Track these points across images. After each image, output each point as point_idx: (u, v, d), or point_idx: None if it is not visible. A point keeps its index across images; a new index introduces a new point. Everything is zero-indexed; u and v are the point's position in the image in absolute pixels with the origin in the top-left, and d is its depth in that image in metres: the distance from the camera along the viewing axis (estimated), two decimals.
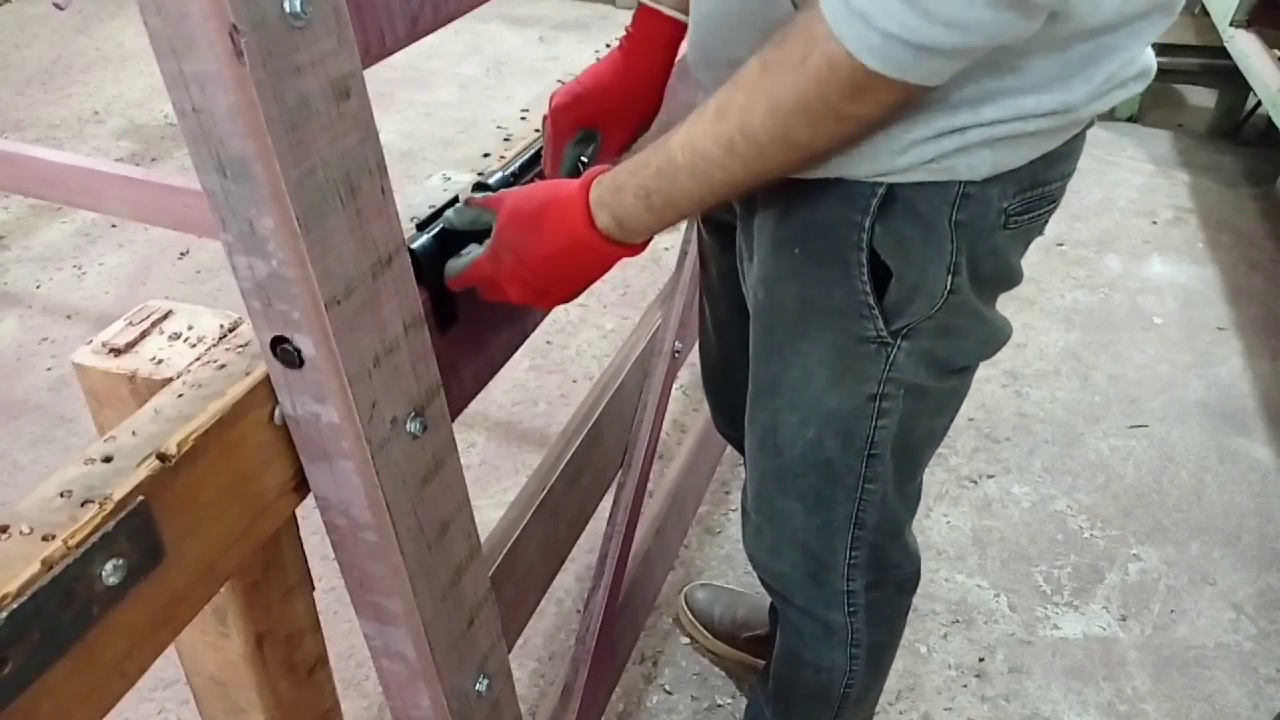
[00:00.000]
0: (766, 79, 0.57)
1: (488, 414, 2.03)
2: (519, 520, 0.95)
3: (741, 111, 0.59)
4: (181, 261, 2.55)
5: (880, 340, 0.75)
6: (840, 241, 0.71)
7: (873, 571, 0.95)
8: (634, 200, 0.64)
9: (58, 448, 1.95)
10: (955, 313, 0.74)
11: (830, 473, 0.85)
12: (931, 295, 0.72)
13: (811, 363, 0.79)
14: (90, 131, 3.25)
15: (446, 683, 0.72)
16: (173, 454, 0.50)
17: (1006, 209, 0.70)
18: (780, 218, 0.75)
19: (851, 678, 1.03)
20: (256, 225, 0.48)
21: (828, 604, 0.97)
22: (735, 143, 0.59)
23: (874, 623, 1.00)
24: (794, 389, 0.82)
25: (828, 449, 0.83)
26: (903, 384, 0.78)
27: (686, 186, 0.63)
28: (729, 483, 1.87)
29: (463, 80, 3.53)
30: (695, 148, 0.61)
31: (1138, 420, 2.03)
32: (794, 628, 1.03)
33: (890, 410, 0.80)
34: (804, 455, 0.85)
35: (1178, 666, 1.54)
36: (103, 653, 0.47)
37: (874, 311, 0.73)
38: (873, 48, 0.52)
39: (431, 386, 0.63)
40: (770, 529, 0.94)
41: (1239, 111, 3.16)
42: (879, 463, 0.84)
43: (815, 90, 0.55)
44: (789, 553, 0.94)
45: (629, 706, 1.47)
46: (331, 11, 0.47)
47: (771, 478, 0.90)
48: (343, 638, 1.46)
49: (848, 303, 0.74)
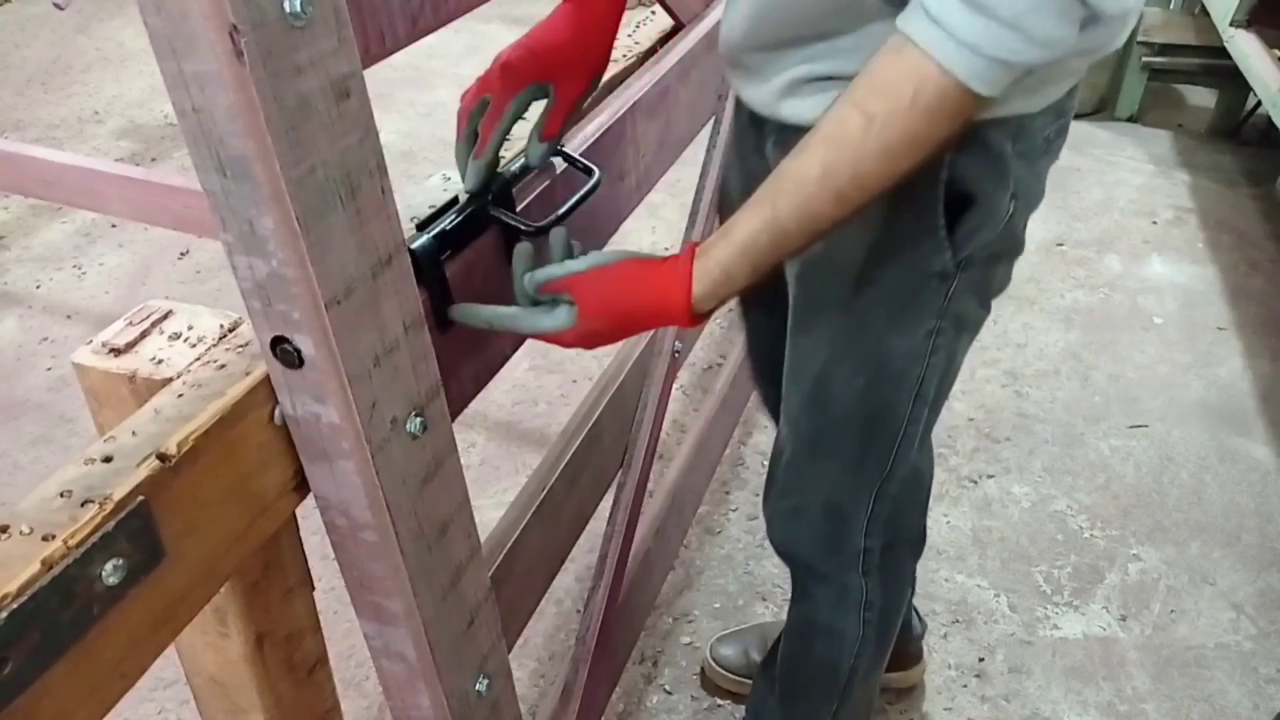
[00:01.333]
0: (875, 127, 0.61)
1: (488, 414, 2.03)
2: (519, 520, 0.95)
3: (852, 163, 0.62)
4: (181, 261, 2.55)
5: (944, 273, 0.81)
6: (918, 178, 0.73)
7: (889, 531, 1.00)
8: (746, 279, 0.69)
9: (58, 448, 1.95)
10: (1006, 237, 0.82)
11: (874, 422, 0.90)
12: (996, 221, 0.79)
13: (871, 305, 0.84)
14: (90, 131, 3.25)
15: (446, 683, 0.72)
16: (173, 454, 0.50)
17: (1048, 136, 0.79)
18: None
19: (862, 646, 1.07)
20: (256, 225, 0.48)
21: (843, 565, 1.01)
22: (844, 193, 0.64)
23: (885, 586, 1.05)
24: (848, 337, 0.86)
25: (878, 395, 0.88)
26: (954, 316, 0.84)
27: (791, 247, 0.68)
28: (729, 483, 1.87)
29: (463, 80, 3.50)
30: (807, 212, 0.65)
31: (1138, 420, 2.03)
32: (808, 594, 1.07)
33: (941, 346, 0.86)
34: (852, 406, 0.89)
35: (1178, 666, 1.54)
36: (103, 653, 0.47)
37: (945, 243, 0.79)
38: (980, 73, 0.58)
39: (431, 386, 0.63)
40: (798, 489, 0.99)
41: (1239, 111, 3.15)
42: (922, 404, 0.90)
43: (926, 124, 0.60)
44: (811, 514, 0.99)
45: (629, 706, 1.47)
46: (331, 11, 0.47)
47: (810, 437, 0.94)
48: (343, 638, 1.46)
49: (919, 238, 0.79)
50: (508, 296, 0.81)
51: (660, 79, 1.09)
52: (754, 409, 2.05)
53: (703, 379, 2.15)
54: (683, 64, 1.16)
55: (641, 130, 1.06)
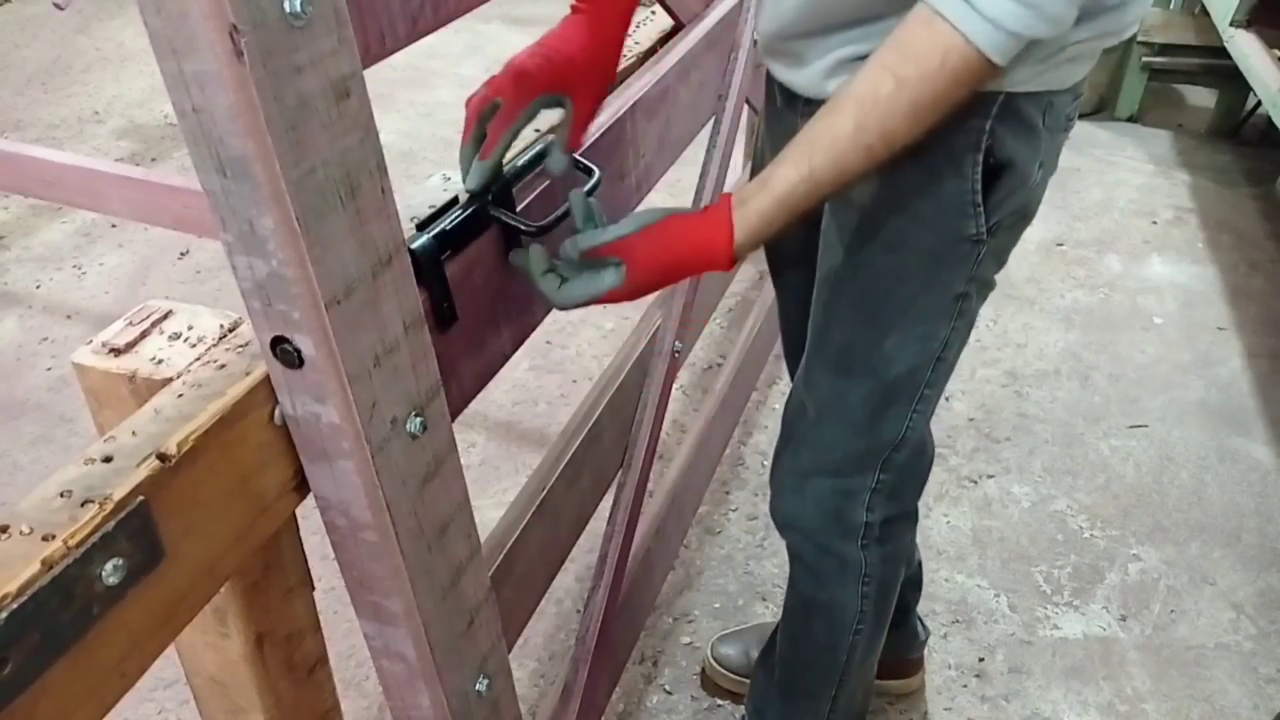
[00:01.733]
0: (906, 90, 0.69)
1: (488, 414, 2.03)
2: (519, 520, 0.95)
3: (882, 121, 0.70)
4: (181, 261, 2.55)
5: (975, 238, 0.86)
6: (959, 146, 0.82)
7: (889, 504, 1.04)
8: (782, 225, 0.77)
9: (58, 448, 1.95)
10: (1029, 204, 0.89)
11: (895, 385, 0.94)
12: (1026, 189, 0.86)
13: (905, 270, 0.89)
14: (90, 131, 3.25)
15: (446, 683, 0.72)
16: (173, 454, 0.50)
17: (1068, 114, 0.86)
18: None
19: (861, 620, 1.10)
20: (256, 225, 0.48)
21: (845, 536, 1.05)
22: (874, 148, 0.72)
23: (885, 560, 1.08)
24: (879, 301, 0.91)
25: (903, 357, 0.93)
26: (978, 280, 0.90)
27: (823, 194, 0.75)
28: (729, 483, 1.87)
29: (463, 80, 3.53)
30: (839, 165, 0.73)
31: (1138, 420, 2.03)
32: (808, 568, 1.10)
33: (965, 311, 0.92)
34: (876, 368, 0.94)
35: (1178, 666, 1.54)
36: (103, 653, 0.47)
37: (979, 209, 0.84)
38: (999, 45, 0.67)
39: (431, 386, 0.63)
40: (808, 455, 1.03)
41: (1239, 111, 3.15)
42: (942, 368, 0.95)
43: (949, 87, 0.69)
44: (816, 485, 1.03)
45: (629, 706, 1.47)
46: (331, 11, 0.47)
47: (829, 400, 0.98)
48: (343, 638, 1.46)
49: (955, 204, 0.84)
50: (508, 295, 0.81)
51: (660, 79, 1.09)
52: (754, 409, 2.05)
53: (703, 379, 2.15)
54: (683, 64, 1.16)
55: (641, 130, 1.06)
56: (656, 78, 1.08)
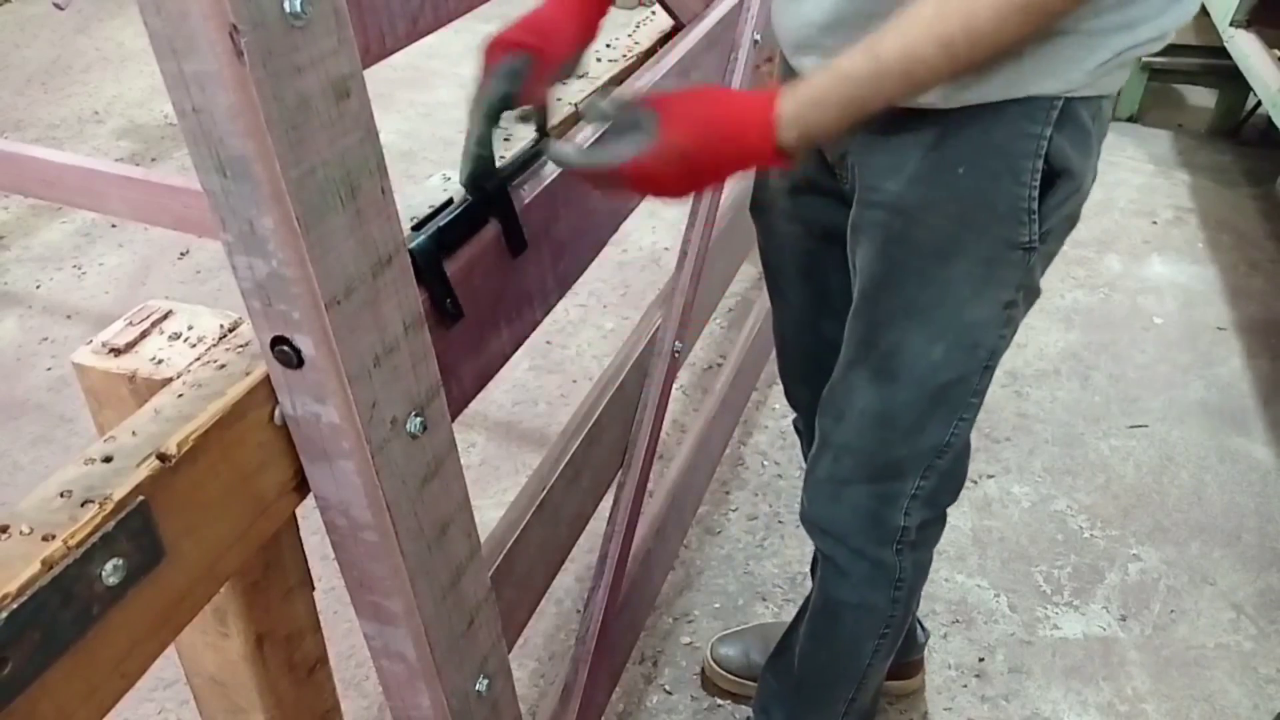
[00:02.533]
0: None
1: (488, 414, 2.03)
2: (519, 520, 0.95)
3: (966, 11, 0.65)
4: (181, 261, 2.55)
5: (1028, 245, 0.84)
6: (1016, 153, 0.79)
7: (928, 508, 1.03)
8: (837, 114, 0.71)
9: (58, 448, 1.95)
10: (1078, 210, 0.87)
11: (943, 394, 0.93)
12: (1079, 193, 0.84)
13: (956, 278, 0.86)
14: (90, 131, 3.25)
15: (446, 683, 0.72)
16: (173, 454, 0.50)
17: (1108, 119, 0.84)
18: (935, 147, 0.82)
19: (889, 624, 1.09)
20: (256, 225, 0.48)
21: (881, 541, 1.03)
22: (955, 42, 0.66)
23: (916, 564, 1.07)
24: (929, 309, 0.88)
25: (952, 366, 0.91)
26: (1026, 287, 0.88)
27: (888, 91, 0.69)
28: (729, 483, 1.87)
29: (463, 80, 3.53)
30: (911, 52, 0.67)
31: (1138, 420, 2.03)
32: (840, 572, 1.08)
33: (1013, 318, 0.90)
34: (924, 377, 0.91)
35: (1178, 666, 1.54)
36: (103, 653, 0.47)
37: (1033, 217, 0.82)
38: None
39: (431, 386, 0.63)
40: (849, 461, 1.00)
41: (1239, 111, 3.15)
42: (988, 376, 0.93)
43: None
44: (854, 491, 1.01)
45: (629, 706, 1.47)
46: (331, 11, 0.47)
47: (874, 411, 0.95)
48: (343, 638, 1.46)
49: (1010, 211, 0.82)
50: (508, 295, 0.81)
51: (660, 79, 1.09)
52: (754, 409, 2.05)
53: (703, 379, 2.15)
54: (683, 64, 1.16)
55: None
56: (656, 78, 1.08)
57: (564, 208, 0.89)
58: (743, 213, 1.62)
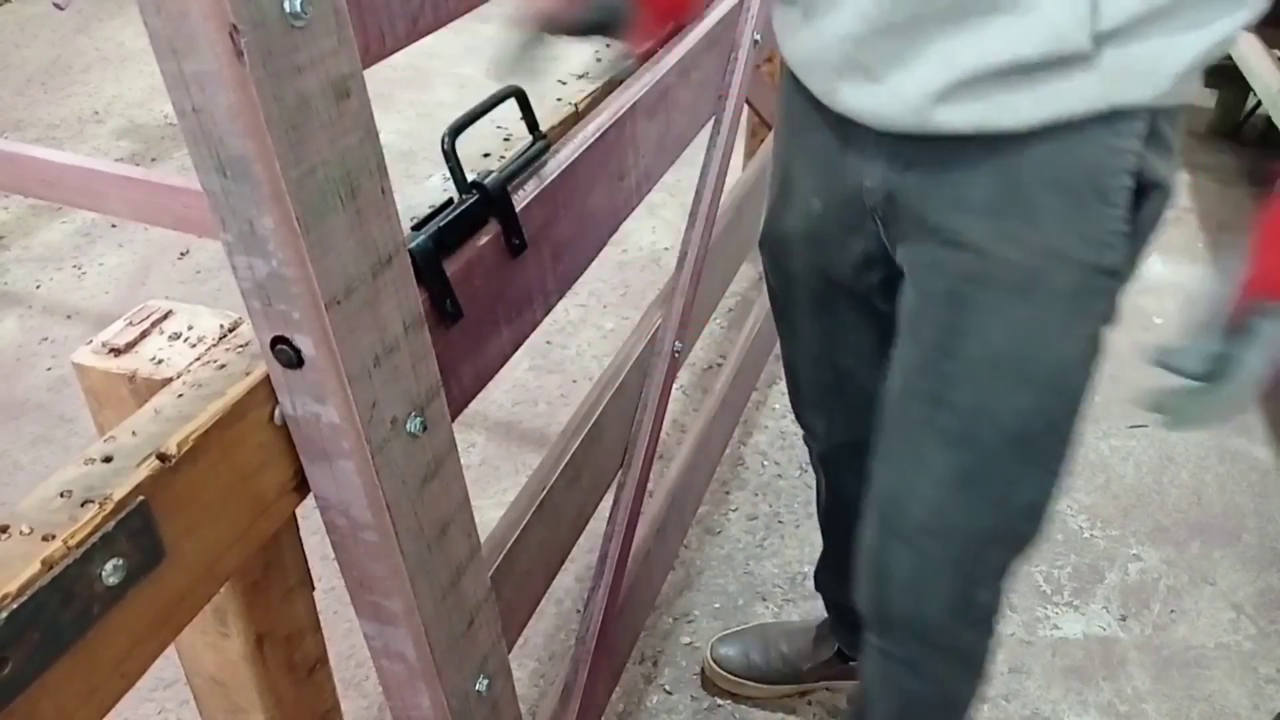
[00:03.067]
0: None
1: (488, 414, 2.03)
2: (519, 520, 0.95)
3: None
4: (181, 261, 2.55)
5: (1115, 269, 0.77)
6: (1106, 171, 0.72)
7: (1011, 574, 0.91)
8: None
9: (58, 448, 1.95)
10: (1160, 226, 0.79)
11: (1034, 445, 0.82)
12: (1165, 208, 0.77)
13: (1042, 313, 0.77)
14: (90, 131, 3.25)
15: (446, 683, 0.72)
16: (173, 454, 0.50)
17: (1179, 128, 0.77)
18: (1008, 173, 0.74)
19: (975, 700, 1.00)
20: (256, 225, 0.48)
21: (973, 626, 0.92)
22: None
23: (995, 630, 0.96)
24: (1011, 354, 0.78)
25: (1042, 413, 0.80)
26: (1109, 317, 0.81)
27: None
28: (729, 483, 1.87)
29: (463, 80, 3.53)
30: None
31: (1138, 420, 2.03)
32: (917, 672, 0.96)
33: (1098, 350, 0.81)
34: (1012, 429, 0.80)
35: (1178, 666, 1.54)
36: (103, 653, 0.47)
37: (1123, 238, 0.75)
38: None
39: (431, 386, 0.63)
40: (934, 546, 0.86)
41: (1239, 111, 3.15)
42: (1079, 419, 0.82)
43: None
44: (943, 581, 0.88)
45: (629, 706, 1.47)
46: (331, 11, 0.47)
47: (952, 481, 0.83)
48: (343, 638, 1.46)
49: (1098, 235, 0.74)
50: (509, 294, 0.81)
51: (660, 79, 1.09)
52: (754, 409, 2.05)
53: (703, 379, 2.15)
54: (683, 64, 1.16)
55: (641, 130, 1.06)
56: (656, 78, 1.08)
57: (564, 208, 0.89)
58: (743, 213, 1.62)
